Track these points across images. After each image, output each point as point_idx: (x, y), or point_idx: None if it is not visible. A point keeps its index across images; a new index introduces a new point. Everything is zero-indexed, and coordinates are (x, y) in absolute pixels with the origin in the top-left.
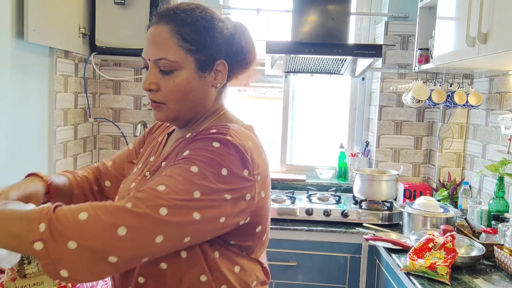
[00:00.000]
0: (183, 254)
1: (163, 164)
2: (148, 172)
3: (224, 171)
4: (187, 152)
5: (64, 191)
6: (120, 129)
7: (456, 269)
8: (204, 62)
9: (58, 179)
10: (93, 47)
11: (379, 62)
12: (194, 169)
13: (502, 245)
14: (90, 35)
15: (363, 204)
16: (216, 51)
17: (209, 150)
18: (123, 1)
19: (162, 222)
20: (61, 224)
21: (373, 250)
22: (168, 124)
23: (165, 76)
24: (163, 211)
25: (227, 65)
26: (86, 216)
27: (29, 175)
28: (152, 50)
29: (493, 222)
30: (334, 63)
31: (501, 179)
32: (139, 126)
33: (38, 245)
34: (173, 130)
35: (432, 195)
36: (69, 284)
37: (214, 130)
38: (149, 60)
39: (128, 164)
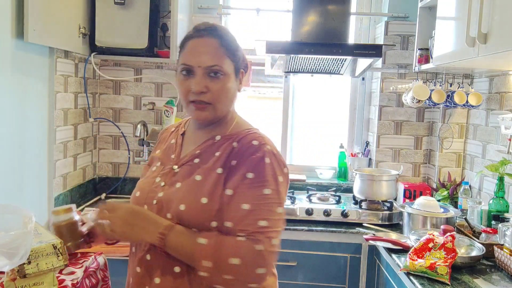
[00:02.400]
0: None
1: (196, 160)
2: (176, 166)
3: (280, 178)
4: (251, 175)
5: None
6: (120, 129)
7: (456, 269)
8: (237, 70)
9: None
10: (93, 47)
11: (379, 62)
12: (268, 191)
13: (502, 245)
14: (90, 35)
15: (363, 204)
16: (240, 61)
17: (267, 167)
18: (123, 1)
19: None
20: (222, 271)
21: (373, 250)
22: (172, 129)
23: (214, 80)
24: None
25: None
26: (238, 262)
27: None
28: (204, 58)
29: (493, 222)
30: (334, 63)
31: (501, 179)
32: (139, 126)
33: (207, 263)
34: (183, 132)
35: (432, 195)
36: (69, 284)
37: (257, 142)
38: (198, 67)
39: (146, 167)
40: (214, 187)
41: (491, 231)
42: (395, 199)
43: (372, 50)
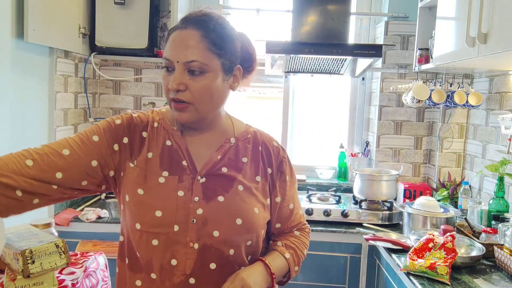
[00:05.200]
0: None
1: (224, 169)
2: (200, 176)
3: None
4: (288, 178)
5: None
6: None
7: (456, 269)
8: (227, 66)
9: None
10: (93, 47)
11: (379, 62)
12: (296, 185)
13: (502, 245)
14: (90, 35)
15: (363, 204)
16: (235, 56)
17: (291, 164)
18: (123, 1)
19: None
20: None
21: (373, 250)
22: (155, 125)
23: (194, 77)
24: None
25: (242, 70)
26: (305, 251)
27: None
28: (183, 52)
29: (493, 222)
30: (334, 63)
31: (501, 179)
32: None
33: (296, 268)
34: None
35: (432, 195)
36: (69, 284)
37: (276, 143)
38: (177, 62)
39: (141, 172)
40: (259, 196)
41: (491, 231)
42: (395, 199)
43: (372, 50)
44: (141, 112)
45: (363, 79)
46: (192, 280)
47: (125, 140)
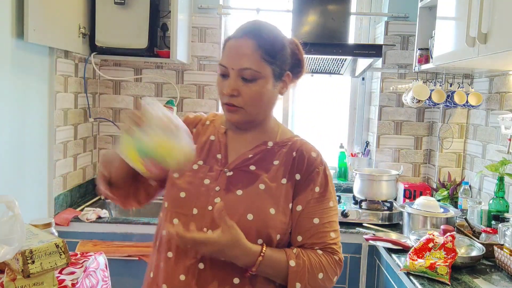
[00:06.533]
0: None
1: (252, 167)
2: (227, 169)
3: (334, 188)
4: (318, 189)
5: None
6: (120, 129)
7: (456, 269)
8: (278, 73)
9: None
10: (93, 47)
11: (379, 62)
12: (332, 203)
13: (502, 245)
14: (90, 35)
15: (363, 204)
16: (286, 64)
17: (329, 179)
18: (123, 1)
19: None
20: (311, 287)
21: (373, 250)
22: (207, 122)
23: (247, 83)
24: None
25: (291, 76)
26: (322, 276)
27: None
28: (238, 60)
29: (493, 222)
30: (334, 63)
31: (501, 179)
32: None
33: (299, 285)
34: (225, 131)
35: (432, 195)
36: (69, 284)
37: (315, 154)
38: (232, 69)
39: None
40: (280, 198)
41: (491, 231)
42: (395, 199)
43: (372, 50)
44: (201, 114)
45: (363, 79)
46: (201, 265)
47: None
